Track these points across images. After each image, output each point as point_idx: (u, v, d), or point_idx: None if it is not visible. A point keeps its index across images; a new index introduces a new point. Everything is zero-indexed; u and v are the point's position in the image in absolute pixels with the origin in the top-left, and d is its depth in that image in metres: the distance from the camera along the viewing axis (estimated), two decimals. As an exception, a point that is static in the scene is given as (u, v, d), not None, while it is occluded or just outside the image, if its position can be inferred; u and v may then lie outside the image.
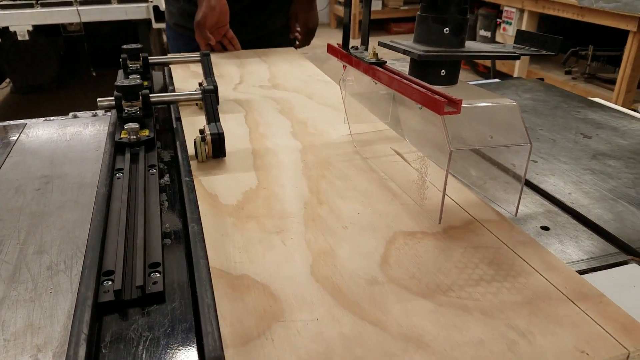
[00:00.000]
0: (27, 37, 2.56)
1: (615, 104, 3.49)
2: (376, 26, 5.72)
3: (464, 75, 4.47)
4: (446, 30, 0.55)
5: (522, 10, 3.52)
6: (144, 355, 0.33)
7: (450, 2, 0.54)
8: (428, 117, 0.54)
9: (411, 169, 0.66)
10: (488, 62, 4.10)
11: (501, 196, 0.61)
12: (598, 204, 0.63)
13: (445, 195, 0.58)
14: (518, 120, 0.52)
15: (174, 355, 0.33)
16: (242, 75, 1.08)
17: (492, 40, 3.84)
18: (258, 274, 0.44)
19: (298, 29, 1.42)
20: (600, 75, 3.34)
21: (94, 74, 3.06)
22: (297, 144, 0.74)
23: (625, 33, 2.86)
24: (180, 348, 0.33)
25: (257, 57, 1.23)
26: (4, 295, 0.46)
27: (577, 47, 3.34)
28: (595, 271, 0.50)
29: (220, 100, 0.87)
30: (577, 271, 0.48)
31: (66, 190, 0.66)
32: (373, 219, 0.54)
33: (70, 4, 2.61)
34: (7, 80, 3.97)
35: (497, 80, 1.19)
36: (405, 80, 0.53)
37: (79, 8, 2.60)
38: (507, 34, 3.71)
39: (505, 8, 3.67)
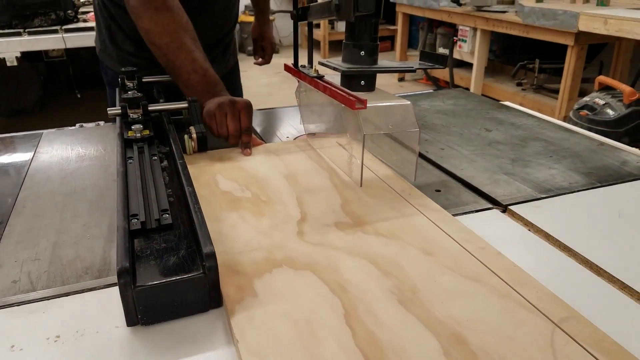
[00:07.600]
0: (15, 63, 2.73)
1: (559, 111, 3.77)
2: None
3: (427, 88, 4.78)
4: (362, 53, 0.78)
5: (475, 29, 3.85)
6: (163, 256, 0.54)
7: (363, 33, 0.77)
8: (357, 117, 0.77)
9: (346, 153, 0.89)
10: (448, 78, 4.42)
11: (410, 171, 0.83)
12: (482, 174, 0.86)
13: (371, 172, 0.80)
14: (411, 114, 0.75)
15: (183, 256, 0.53)
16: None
17: (450, 55, 4.17)
18: None
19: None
20: (547, 86, 3.67)
21: (79, 96, 3.24)
22: None
23: (566, 47, 3.19)
24: (185, 252, 0.54)
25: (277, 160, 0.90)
26: (56, 240, 0.67)
27: (525, 61, 3.68)
28: (465, 214, 0.73)
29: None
30: (453, 214, 0.71)
31: (86, 177, 0.86)
32: None
33: (55, 31, 2.80)
34: (-10, 104, 4.11)
35: (431, 90, 1.44)
36: (333, 88, 0.76)
37: (64, 35, 2.80)
38: (462, 51, 4.03)
39: (460, 27, 4.00)
